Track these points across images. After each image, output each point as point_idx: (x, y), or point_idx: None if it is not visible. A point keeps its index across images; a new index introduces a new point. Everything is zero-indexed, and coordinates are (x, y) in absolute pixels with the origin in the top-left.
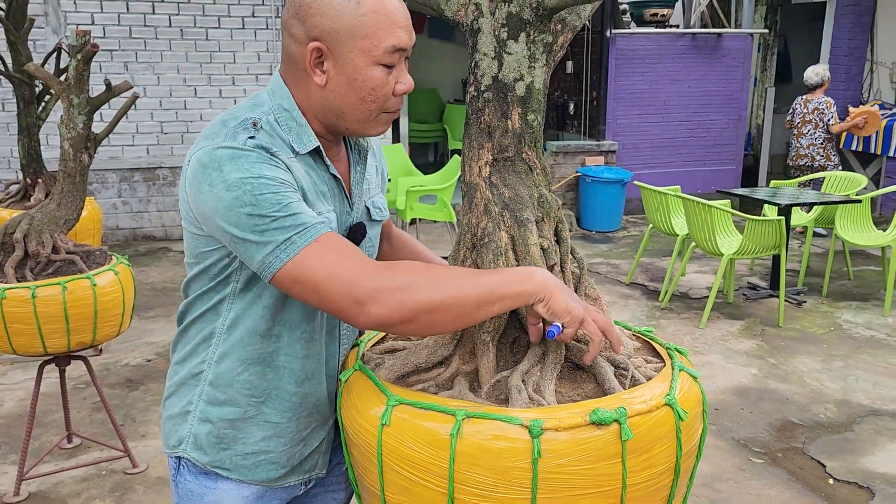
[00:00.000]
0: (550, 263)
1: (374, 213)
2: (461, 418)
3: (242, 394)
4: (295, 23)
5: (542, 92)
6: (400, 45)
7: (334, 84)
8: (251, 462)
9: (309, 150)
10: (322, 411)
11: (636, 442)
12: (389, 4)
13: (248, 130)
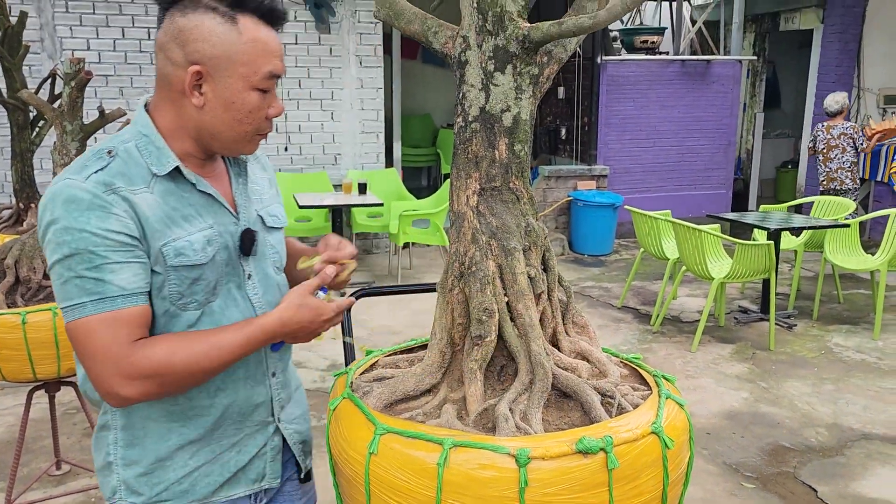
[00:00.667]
0: (538, 292)
1: (268, 221)
2: (448, 447)
3: (161, 425)
4: (173, 47)
5: (528, 122)
6: (276, 71)
7: (212, 106)
8: (188, 484)
9: (168, 170)
10: (253, 417)
11: (623, 470)
12: (267, 35)
13: (101, 160)
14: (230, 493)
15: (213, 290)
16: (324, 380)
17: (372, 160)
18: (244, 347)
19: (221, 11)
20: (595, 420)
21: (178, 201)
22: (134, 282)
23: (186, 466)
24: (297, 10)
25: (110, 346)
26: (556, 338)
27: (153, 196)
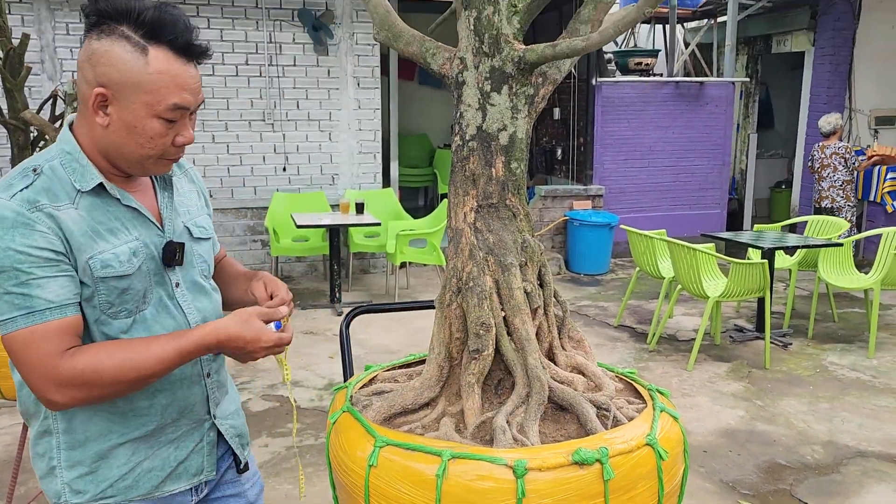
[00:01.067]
0: (534, 307)
1: (195, 232)
2: (447, 459)
3: (100, 421)
4: (87, 66)
5: (524, 141)
6: (182, 104)
7: (116, 127)
8: (132, 480)
9: (91, 187)
10: (189, 415)
11: (618, 481)
12: (178, 68)
13: (27, 178)
14: (172, 488)
15: (142, 299)
16: (321, 398)
17: (369, 180)
18: (175, 359)
19: (134, 41)
20: (591, 432)
21: (104, 215)
22: (62, 294)
23: (129, 463)
24: (295, 33)
25: (41, 357)
26: (553, 352)
27: (77, 211)
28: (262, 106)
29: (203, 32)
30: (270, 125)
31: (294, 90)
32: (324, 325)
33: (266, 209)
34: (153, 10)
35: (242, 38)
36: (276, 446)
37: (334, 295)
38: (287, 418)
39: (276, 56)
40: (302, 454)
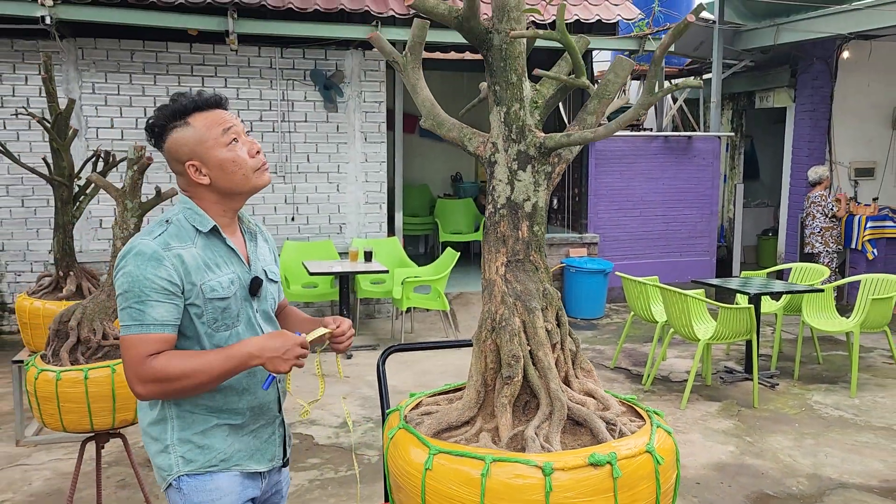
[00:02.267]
0: (553, 342)
1: (269, 275)
2: (489, 462)
3: (202, 412)
4: (171, 159)
5: (544, 209)
6: (225, 126)
7: (215, 175)
8: (225, 455)
9: (209, 228)
10: (266, 413)
11: (624, 480)
12: (211, 114)
13: (162, 227)
14: (253, 467)
15: (236, 317)
16: (337, 436)
17: (375, 229)
18: (226, 363)
19: (178, 124)
20: (602, 441)
21: (213, 252)
22: (166, 316)
23: (224, 442)
24: (307, 91)
25: (134, 357)
26: (568, 379)
27: (196, 249)
28: (275, 159)
29: (219, 91)
30: (282, 177)
31: (305, 144)
32: (334, 368)
33: None
34: (173, 104)
35: (257, 96)
36: (300, 480)
37: None
38: (307, 454)
39: (289, 112)
40: (324, 485)
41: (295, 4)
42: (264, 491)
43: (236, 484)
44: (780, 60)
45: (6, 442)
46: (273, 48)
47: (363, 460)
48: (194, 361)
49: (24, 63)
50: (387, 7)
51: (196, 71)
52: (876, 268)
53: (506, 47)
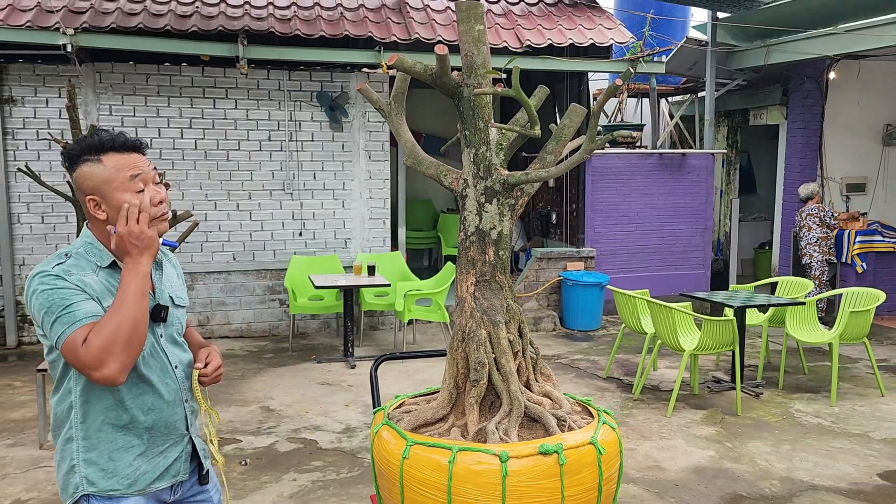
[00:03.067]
0: (515, 350)
1: (176, 300)
2: (456, 451)
3: (108, 432)
4: (78, 192)
5: (508, 236)
6: (135, 171)
7: (111, 215)
8: (132, 479)
9: (107, 263)
10: (173, 431)
11: (570, 466)
12: (125, 157)
13: (60, 258)
14: (159, 486)
15: None
16: (340, 441)
17: (379, 244)
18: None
19: (91, 159)
20: (552, 434)
21: (115, 280)
22: (93, 310)
23: (131, 467)
24: (313, 112)
25: (82, 350)
26: (529, 383)
27: (97, 278)
28: (282, 177)
29: (230, 112)
30: (289, 194)
31: (311, 163)
32: (338, 377)
33: (284, 271)
34: (91, 137)
35: (266, 116)
36: (303, 481)
37: (347, 349)
38: (311, 457)
39: (296, 132)
40: (326, 486)
41: (302, 31)
42: (174, 501)
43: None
44: (772, 79)
45: (30, 446)
46: (281, 71)
47: (363, 463)
48: (111, 312)
49: (45, 86)
50: (389, 33)
51: (208, 93)
52: (865, 281)
53: (474, 99)
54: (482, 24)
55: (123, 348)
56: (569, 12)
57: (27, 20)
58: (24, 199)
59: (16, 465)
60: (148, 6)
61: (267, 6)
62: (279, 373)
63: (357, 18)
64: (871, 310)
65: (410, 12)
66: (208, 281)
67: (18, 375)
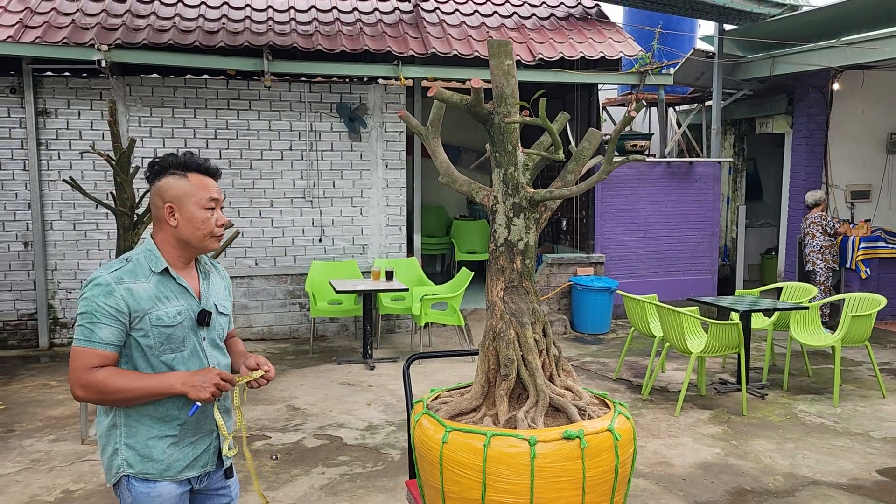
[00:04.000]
0: (540, 349)
1: (220, 308)
2: (490, 436)
3: (146, 423)
4: (156, 196)
5: (534, 247)
6: (212, 195)
7: (182, 224)
8: (165, 465)
9: (160, 269)
10: (203, 425)
11: (590, 450)
12: (206, 180)
13: (121, 263)
14: (188, 474)
15: (182, 343)
16: (363, 437)
17: (395, 250)
18: (153, 388)
19: (177, 173)
20: (574, 422)
21: (165, 287)
22: (110, 337)
23: (164, 454)
24: (333, 123)
25: (79, 366)
26: (552, 378)
27: (149, 284)
28: (303, 185)
29: (253, 123)
30: (309, 202)
31: (331, 171)
32: (359, 378)
33: (304, 276)
34: (182, 156)
35: (288, 127)
36: (332, 474)
37: (366, 351)
38: (338, 452)
39: (316, 142)
40: (353, 478)
41: (324, 46)
42: (200, 488)
43: (175, 490)
44: (778, 89)
45: (72, 441)
46: (302, 84)
47: (387, 458)
48: (127, 381)
49: (78, 99)
50: (407, 48)
51: (232, 105)
52: (869, 286)
53: (503, 125)
54: (511, 59)
55: (104, 399)
56: (579, 26)
57: (63, 37)
58: (57, 206)
59: (61, 459)
60: (177, 22)
61: (290, 21)
62: (302, 374)
63: (376, 33)
64: (872, 314)
65: (427, 27)
66: (231, 285)
67: (53, 375)
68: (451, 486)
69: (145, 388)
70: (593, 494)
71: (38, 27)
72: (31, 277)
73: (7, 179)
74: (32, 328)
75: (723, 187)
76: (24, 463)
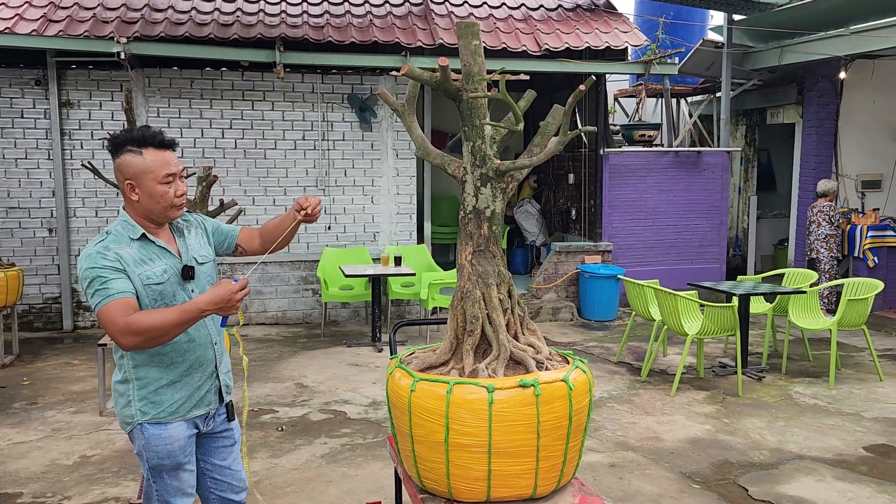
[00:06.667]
0: (504, 308)
1: (199, 259)
2: (452, 384)
3: (154, 373)
4: (118, 173)
5: (500, 214)
6: (170, 172)
7: (142, 199)
8: (175, 407)
9: (138, 236)
10: (205, 368)
11: (544, 398)
12: (162, 154)
13: (102, 237)
14: (195, 413)
15: (173, 297)
16: (366, 413)
17: (405, 237)
18: (183, 316)
19: (133, 150)
20: (530, 372)
21: (147, 251)
22: (123, 287)
23: (173, 398)
24: (344, 113)
25: (114, 319)
26: (517, 335)
27: (132, 249)
28: (316, 174)
29: (267, 113)
30: (322, 190)
31: (342, 161)
32: (367, 360)
33: (316, 262)
34: (138, 132)
35: (300, 117)
36: (333, 444)
37: (375, 335)
38: (341, 425)
39: (328, 132)
40: (354, 448)
41: (334, 38)
42: (206, 431)
43: (183, 430)
44: (788, 79)
45: (91, 413)
46: (314, 75)
47: (387, 431)
48: (162, 315)
49: (99, 90)
50: (415, 39)
51: (247, 96)
52: (877, 275)
53: (471, 101)
54: (478, 39)
55: (145, 339)
56: (586, 17)
57: (84, 30)
58: (80, 194)
59: (80, 429)
60: (193, 16)
61: (302, 14)
62: (312, 355)
63: (385, 25)
64: (869, 298)
65: (435, 19)
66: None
67: (76, 355)
68: (418, 431)
69: (180, 317)
70: (548, 438)
71: (60, 21)
72: (55, 262)
73: (32, 168)
74: (57, 311)
75: (734, 177)
76: (45, 432)
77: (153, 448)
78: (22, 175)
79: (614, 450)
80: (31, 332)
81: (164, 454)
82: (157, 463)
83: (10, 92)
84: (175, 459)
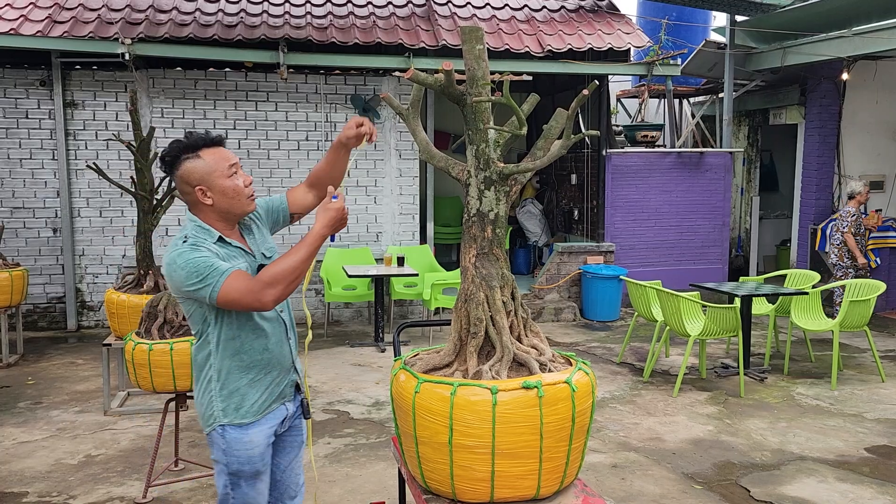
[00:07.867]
0: (508, 310)
1: (267, 254)
2: (456, 386)
3: (236, 373)
4: (182, 183)
5: (504, 217)
6: (231, 162)
7: (217, 199)
8: (256, 407)
9: (216, 239)
10: (282, 365)
11: (547, 399)
12: (217, 151)
13: (180, 239)
14: (274, 407)
15: None
16: (369, 413)
17: (408, 238)
18: (310, 246)
19: (189, 156)
20: (534, 374)
21: (226, 252)
22: (226, 265)
23: (253, 397)
24: (348, 114)
25: (240, 289)
26: (520, 337)
27: (216, 246)
28: None
29: (271, 114)
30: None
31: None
32: (370, 360)
33: (319, 262)
34: (186, 139)
35: (304, 118)
36: (337, 444)
37: (378, 335)
38: (344, 425)
39: (332, 133)
40: (357, 448)
41: (337, 39)
42: (283, 428)
43: (263, 435)
44: (790, 80)
45: (96, 412)
46: (318, 76)
47: (390, 431)
48: (288, 260)
49: (103, 91)
50: (418, 40)
51: (251, 97)
52: (879, 276)
53: (475, 105)
54: (482, 44)
55: (286, 284)
56: (589, 18)
57: (89, 31)
58: (85, 194)
59: (84, 428)
60: (197, 17)
61: (305, 15)
62: (315, 355)
63: (389, 26)
64: (871, 299)
65: (439, 20)
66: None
67: (80, 355)
68: (422, 432)
69: (307, 249)
70: (551, 439)
71: (65, 22)
72: (59, 262)
73: (37, 168)
74: (61, 311)
75: (737, 178)
76: (50, 431)
77: (234, 452)
78: (27, 175)
79: (616, 450)
80: (35, 332)
81: (245, 459)
82: (237, 469)
83: (15, 92)
84: (254, 466)
